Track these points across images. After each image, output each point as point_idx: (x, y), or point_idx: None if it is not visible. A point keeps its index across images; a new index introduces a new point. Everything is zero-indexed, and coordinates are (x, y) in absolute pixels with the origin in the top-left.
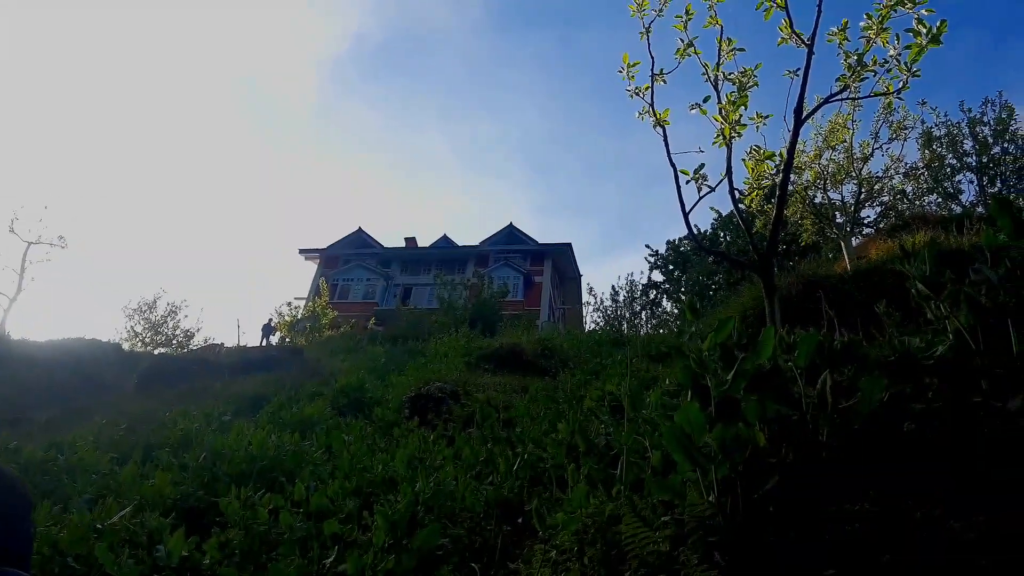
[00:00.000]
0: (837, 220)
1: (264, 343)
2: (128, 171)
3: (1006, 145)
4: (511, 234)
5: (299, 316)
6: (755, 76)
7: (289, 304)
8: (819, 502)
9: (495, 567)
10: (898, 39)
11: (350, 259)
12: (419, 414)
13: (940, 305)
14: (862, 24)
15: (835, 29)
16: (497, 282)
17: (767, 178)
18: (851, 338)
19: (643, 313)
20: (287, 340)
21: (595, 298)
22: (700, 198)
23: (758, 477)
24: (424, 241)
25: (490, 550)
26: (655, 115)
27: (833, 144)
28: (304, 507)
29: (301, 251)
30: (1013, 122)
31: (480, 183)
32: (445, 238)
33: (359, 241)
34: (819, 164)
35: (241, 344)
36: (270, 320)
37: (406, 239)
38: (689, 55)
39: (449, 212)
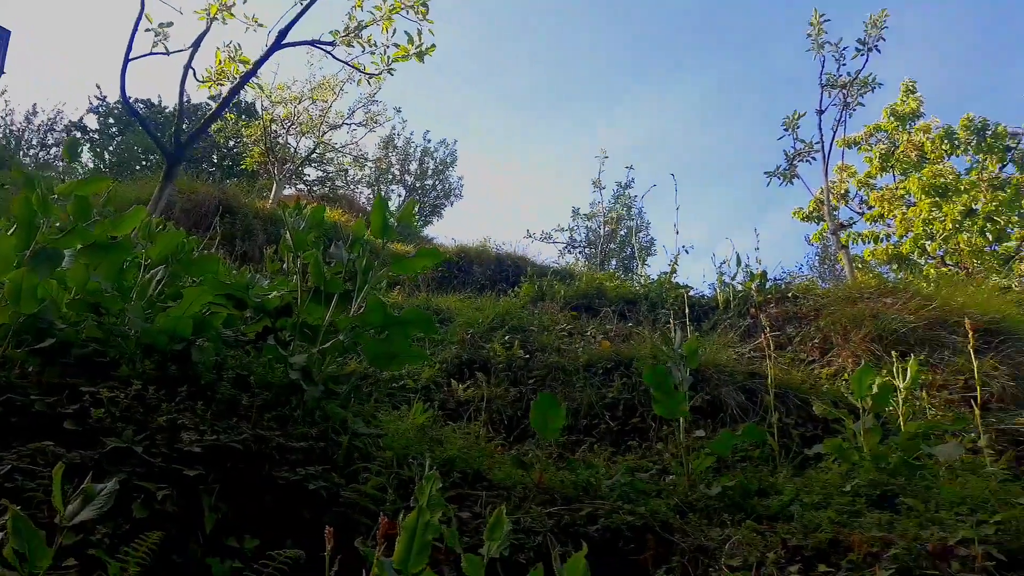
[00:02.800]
0: (285, 164)
1: None
2: None
3: (435, 182)
4: None
5: None
6: None
7: None
8: None
9: None
10: (394, 33)
11: None
12: None
13: (298, 260)
14: (375, 4)
15: None
16: None
17: (230, 80)
18: (209, 254)
19: (51, 149)
20: None
21: (6, 103)
22: (150, 53)
23: None
24: None
25: None
26: None
27: (315, 98)
28: None
29: None
30: (452, 169)
31: None
32: None
33: None
34: (296, 107)
35: None
36: None
37: None
38: None
39: None
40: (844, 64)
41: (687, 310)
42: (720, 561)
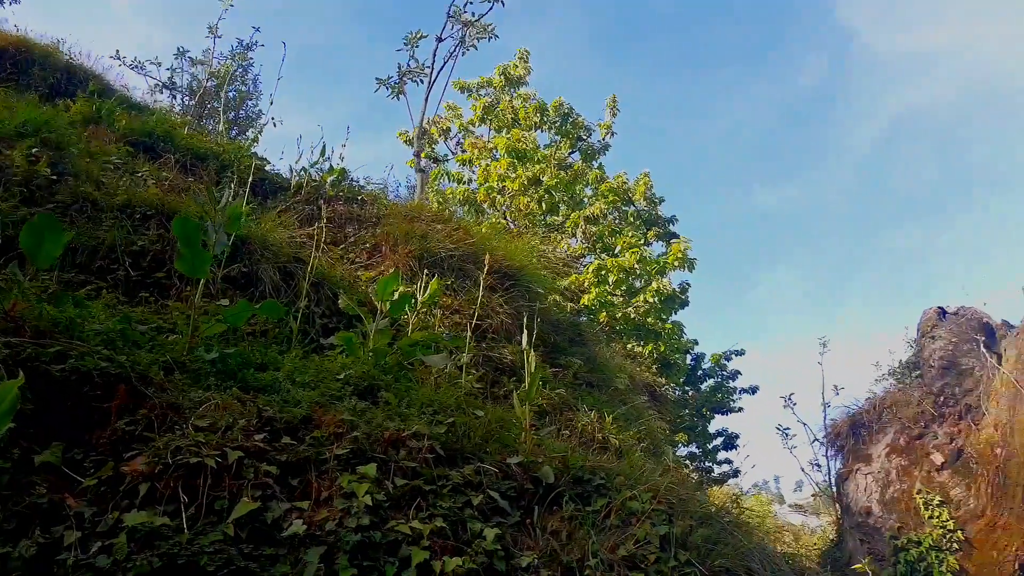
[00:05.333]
0: None
1: None
2: None
3: None
4: None
5: None
6: None
7: None
8: None
9: None
10: None
11: None
12: None
13: None
14: None
15: None
16: None
17: None
18: None
19: None
20: None
21: None
22: None
23: None
24: None
25: None
26: None
27: None
28: None
29: None
30: None
31: None
32: None
33: None
34: None
35: None
36: None
37: None
38: None
39: None
40: (472, 3)
41: (251, 179)
42: (189, 420)
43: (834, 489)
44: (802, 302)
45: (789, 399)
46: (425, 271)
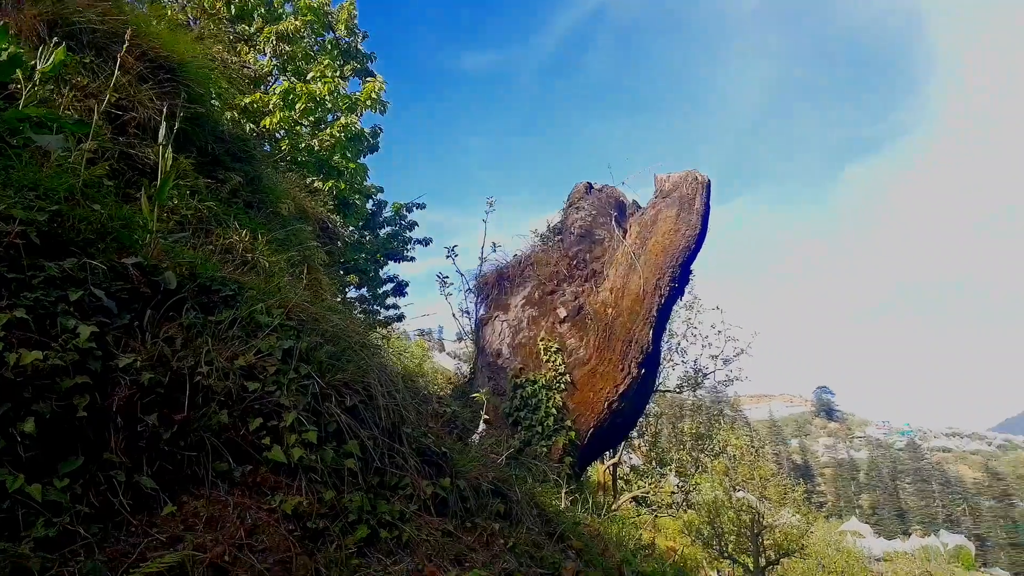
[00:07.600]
0: None
1: None
2: None
3: None
4: None
5: None
6: None
7: None
8: None
9: None
10: None
11: None
12: None
13: None
14: None
15: None
16: None
17: None
18: None
19: None
20: None
21: None
22: None
23: None
24: None
25: None
26: None
27: None
28: None
29: None
30: None
31: None
32: None
33: None
34: None
35: None
36: None
37: None
38: None
39: None
40: None
41: None
42: None
43: (475, 333)
44: (495, 168)
45: (452, 251)
46: (56, 40)
